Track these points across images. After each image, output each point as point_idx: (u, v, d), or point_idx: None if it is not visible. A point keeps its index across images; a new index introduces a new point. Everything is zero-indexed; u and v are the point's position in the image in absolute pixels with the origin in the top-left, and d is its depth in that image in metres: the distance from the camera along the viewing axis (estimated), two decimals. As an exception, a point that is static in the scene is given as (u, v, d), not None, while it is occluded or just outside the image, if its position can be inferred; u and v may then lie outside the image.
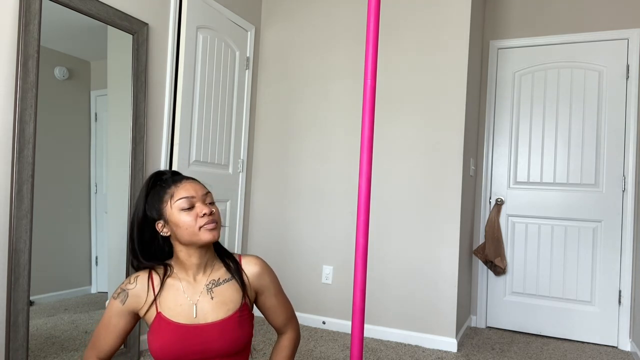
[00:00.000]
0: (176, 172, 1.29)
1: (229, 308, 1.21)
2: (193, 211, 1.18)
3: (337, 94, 3.17)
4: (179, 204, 1.18)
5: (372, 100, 1.37)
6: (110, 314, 1.22)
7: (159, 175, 1.26)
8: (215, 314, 1.19)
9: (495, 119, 3.36)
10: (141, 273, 1.24)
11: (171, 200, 1.19)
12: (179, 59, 2.61)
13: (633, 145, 3.00)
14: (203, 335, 1.17)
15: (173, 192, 1.19)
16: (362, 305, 1.36)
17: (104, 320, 1.23)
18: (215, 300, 1.21)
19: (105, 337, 1.22)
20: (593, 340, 3.05)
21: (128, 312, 1.21)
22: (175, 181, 1.22)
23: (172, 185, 1.21)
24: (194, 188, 1.21)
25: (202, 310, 1.19)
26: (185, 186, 1.20)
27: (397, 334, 2.89)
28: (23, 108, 1.79)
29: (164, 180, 1.24)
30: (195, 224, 1.17)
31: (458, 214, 2.81)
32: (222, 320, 1.19)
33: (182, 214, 1.17)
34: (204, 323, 1.18)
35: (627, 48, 3.05)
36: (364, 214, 1.36)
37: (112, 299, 1.23)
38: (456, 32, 2.86)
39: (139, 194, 1.25)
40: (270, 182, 3.33)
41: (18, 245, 1.77)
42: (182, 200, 1.18)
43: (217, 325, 1.18)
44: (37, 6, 1.83)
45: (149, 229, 1.23)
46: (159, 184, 1.24)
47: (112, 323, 1.21)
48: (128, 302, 1.20)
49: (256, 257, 1.32)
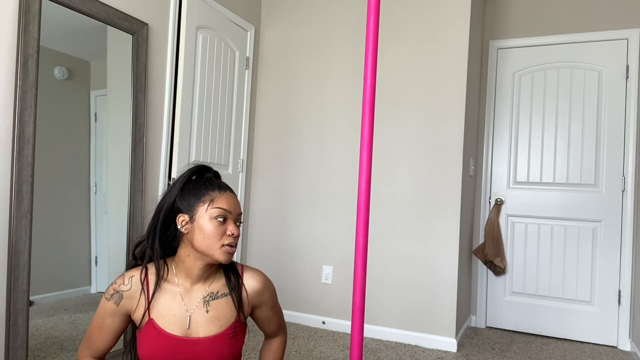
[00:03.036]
0: (218, 175, 1.25)
1: (222, 324, 1.18)
2: (223, 226, 1.15)
3: (337, 93, 3.17)
4: (215, 212, 1.14)
5: (372, 99, 1.37)
6: (104, 314, 1.18)
7: (203, 170, 1.22)
8: (208, 328, 1.17)
9: (495, 119, 3.36)
10: (135, 273, 1.19)
11: (210, 204, 1.15)
12: (179, 59, 2.61)
13: (633, 145, 3.00)
14: (194, 349, 1.15)
15: (215, 198, 1.16)
16: (362, 305, 1.36)
17: (97, 320, 1.20)
18: (210, 314, 1.18)
19: (99, 337, 1.19)
20: (593, 340, 3.05)
21: (122, 313, 1.18)
22: (221, 187, 1.19)
23: (217, 190, 1.17)
24: (235, 204, 1.18)
25: (196, 322, 1.17)
26: (229, 198, 1.17)
27: (396, 334, 2.89)
28: (23, 108, 1.79)
29: (207, 178, 1.21)
30: (219, 238, 1.14)
31: (458, 214, 2.81)
32: (215, 336, 1.17)
33: (213, 223, 1.14)
34: (195, 337, 1.15)
35: (627, 48, 3.05)
36: (363, 214, 1.36)
37: (104, 299, 1.19)
38: (456, 32, 2.86)
39: (176, 179, 1.20)
40: (270, 181, 3.33)
41: (18, 245, 1.77)
42: (220, 210, 1.15)
43: (209, 341, 1.16)
44: (37, 6, 1.83)
45: (170, 218, 1.19)
46: (202, 180, 1.20)
47: (106, 324, 1.19)
48: (122, 303, 1.17)
49: (259, 273, 1.27)
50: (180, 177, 1.21)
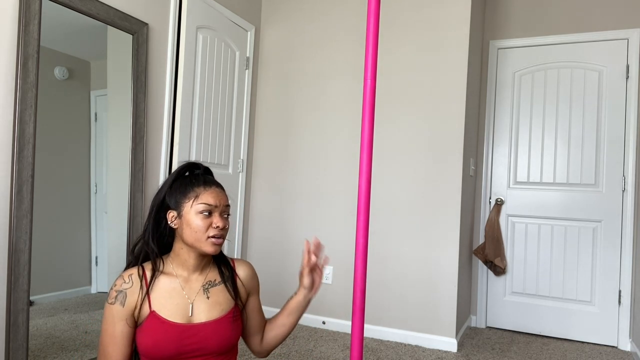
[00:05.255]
0: (209, 171, 1.29)
1: (223, 308, 1.23)
2: (209, 219, 1.19)
3: (337, 93, 3.17)
4: (200, 207, 1.18)
5: (372, 100, 1.37)
6: (112, 321, 1.15)
7: (192, 167, 1.27)
8: (210, 313, 1.21)
9: (495, 119, 3.36)
10: (133, 270, 1.20)
11: (195, 200, 1.19)
12: (179, 59, 2.61)
13: (633, 145, 3.00)
14: (199, 334, 1.18)
15: (199, 194, 1.19)
16: (362, 305, 1.36)
17: (107, 332, 1.15)
18: (211, 300, 1.22)
19: (114, 349, 1.15)
20: (593, 340, 3.05)
21: (129, 314, 1.16)
22: (206, 183, 1.22)
23: (202, 186, 1.21)
24: (219, 197, 1.22)
25: (198, 309, 1.20)
26: (213, 193, 1.21)
27: (397, 334, 2.89)
28: (23, 108, 1.79)
29: (195, 175, 1.25)
30: (205, 231, 1.18)
31: (458, 214, 2.81)
32: (217, 320, 1.21)
33: (198, 217, 1.18)
34: (199, 322, 1.19)
35: (627, 48, 3.05)
36: (364, 214, 1.36)
37: (108, 305, 1.16)
38: (456, 32, 2.86)
39: (167, 177, 1.25)
40: (270, 182, 3.33)
41: (18, 245, 1.77)
42: (204, 205, 1.18)
43: (212, 324, 1.20)
44: (37, 6, 1.83)
45: (161, 215, 1.23)
46: (189, 177, 1.24)
47: (117, 330, 1.15)
48: (128, 302, 1.16)
49: (247, 262, 1.36)
50: (169, 175, 1.26)
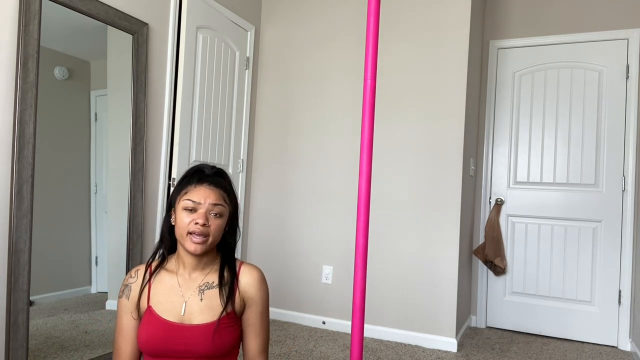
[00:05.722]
0: (220, 173, 1.27)
1: (214, 313, 1.20)
2: (191, 216, 1.18)
3: (337, 93, 3.17)
4: (184, 203, 1.19)
5: (372, 100, 1.37)
6: (120, 314, 1.21)
7: (197, 168, 1.28)
8: (201, 316, 1.19)
9: (495, 119, 3.36)
10: (141, 266, 1.25)
11: (183, 197, 1.21)
12: (179, 59, 2.61)
13: (633, 145, 3.00)
14: (187, 336, 1.17)
15: (188, 190, 1.21)
16: (362, 305, 1.36)
17: (117, 325, 1.22)
18: (203, 302, 1.20)
19: (123, 342, 1.21)
20: (593, 340, 3.05)
21: (134, 307, 1.21)
22: (200, 180, 1.22)
23: (194, 184, 1.22)
24: (207, 195, 1.20)
25: (190, 309, 1.20)
26: (201, 190, 1.20)
27: (397, 334, 2.89)
28: (23, 108, 1.79)
29: (192, 175, 1.26)
30: (186, 227, 1.17)
31: (458, 214, 2.81)
32: (206, 324, 1.18)
33: (183, 213, 1.19)
34: (188, 324, 1.18)
35: (627, 48, 3.05)
36: (364, 214, 1.36)
37: (118, 299, 1.23)
38: (456, 32, 2.86)
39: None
40: (270, 182, 3.33)
41: (18, 245, 1.77)
42: (188, 201, 1.19)
43: (201, 328, 1.17)
44: (37, 6, 1.83)
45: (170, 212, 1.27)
46: (190, 177, 1.26)
47: (124, 324, 1.21)
48: (132, 295, 1.21)
49: (256, 270, 1.29)
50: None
